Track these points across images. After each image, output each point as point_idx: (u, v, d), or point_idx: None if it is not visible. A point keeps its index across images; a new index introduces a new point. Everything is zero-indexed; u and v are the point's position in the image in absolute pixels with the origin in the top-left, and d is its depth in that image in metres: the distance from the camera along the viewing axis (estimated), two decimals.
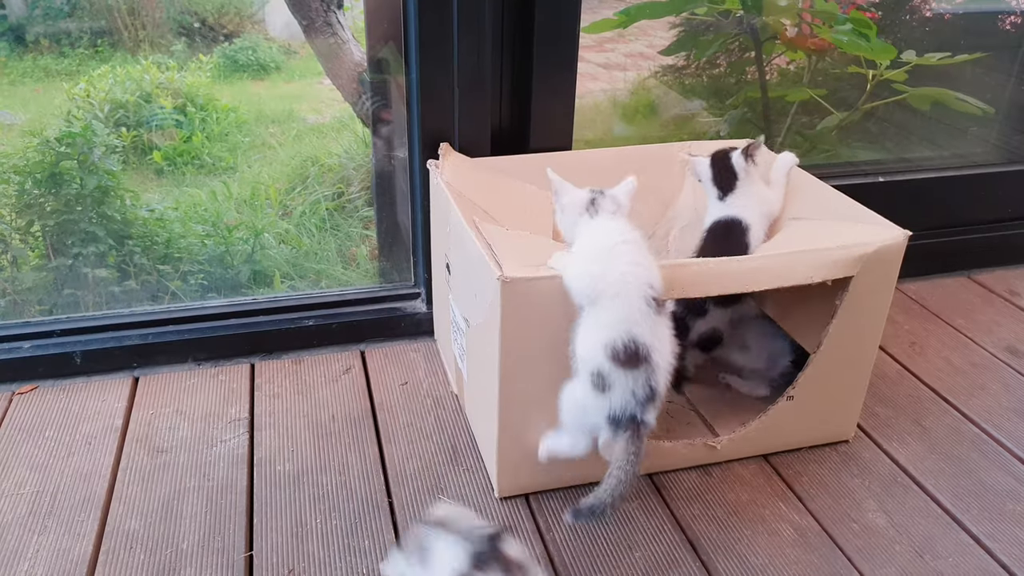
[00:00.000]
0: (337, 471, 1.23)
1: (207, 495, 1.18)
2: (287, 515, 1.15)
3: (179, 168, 2.13)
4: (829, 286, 1.15)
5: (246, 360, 1.49)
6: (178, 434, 1.30)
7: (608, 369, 0.95)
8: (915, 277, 1.82)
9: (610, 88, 2.04)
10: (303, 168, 2.24)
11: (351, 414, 1.35)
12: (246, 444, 1.28)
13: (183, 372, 1.45)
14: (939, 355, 1.56)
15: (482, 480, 1.21)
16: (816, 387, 1.22)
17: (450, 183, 1.28)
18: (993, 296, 1.79)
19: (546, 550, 1.10)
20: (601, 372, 0.95)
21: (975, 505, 1.20)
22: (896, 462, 1.28)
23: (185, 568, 1.06)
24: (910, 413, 1.39)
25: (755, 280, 1.11)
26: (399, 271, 1.62)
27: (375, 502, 1.17)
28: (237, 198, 2.12)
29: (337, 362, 1.49)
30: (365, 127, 1.84)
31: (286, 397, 1.39)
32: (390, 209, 1.65)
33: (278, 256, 1.99)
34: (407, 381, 1.44)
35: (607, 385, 0.95)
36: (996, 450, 1.32)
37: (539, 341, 1.06)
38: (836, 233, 1.17)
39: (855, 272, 1.13)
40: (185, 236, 1.96)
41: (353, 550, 1.09)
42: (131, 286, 1.81)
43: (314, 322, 1.51)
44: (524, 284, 1.02)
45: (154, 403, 1.37)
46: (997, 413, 1.40)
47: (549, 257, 1.07)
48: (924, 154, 2.00)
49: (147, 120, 2.07)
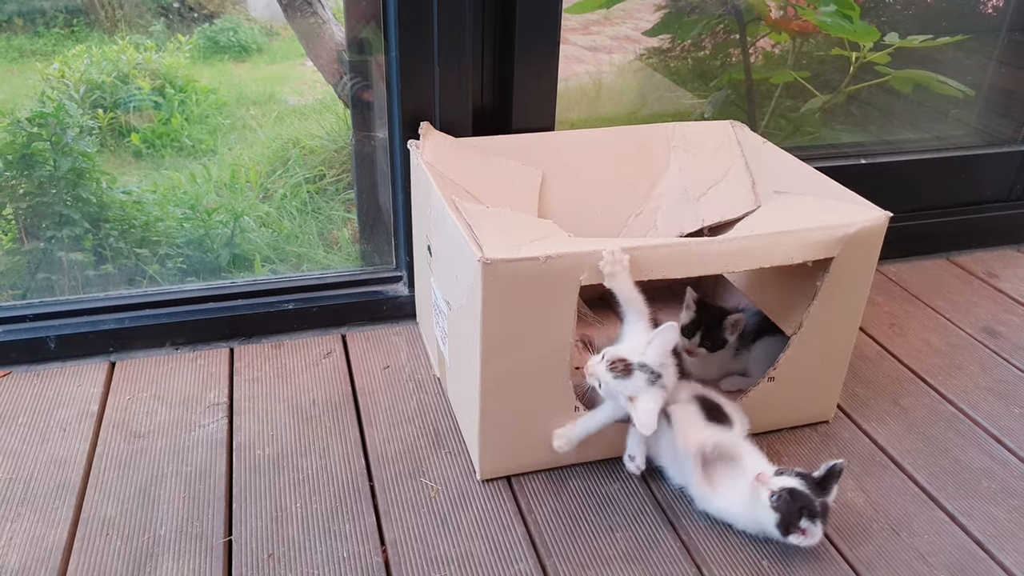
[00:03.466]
0: (318, 455, 1.22)
1: (185, 480, 1.16)
2: (267, 500, 1.14)
3: (158, 151, 2.09)
4: (810, 267, 1.15)
5: (225, 344, 1.47)
6: (156, 419, 1.28)
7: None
8: (896, 259, 1.83)
9: (596, 71, 2.02)
10: (284, 150, 2.21)
11: (332, 398, 1.34)
12: (225, 429, 1.27)
13: (161, 357, 1.43)
14: (918, 336, 1.57)
15: (464, 463, 1.21)
16: (796, 368, 1.22)
17: (431, 163, 1.27)
18: (972, 278, 1.80)
19: (528, 532, 1.10)
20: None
21: (951, 483, 1.21)
22: (875, 442, 1.29)
23: (163, 554, 1.05)
24: (889, 393, 1.40)
25: (736, 261, 1.11)
26: (380, 254, 1.61)
27: (356, 486, 1.16)
28: (217, 181, 2.09)
29: (318, 346, 1.47)
30: (347, 108, 1.81)
31: (266, 381, 1.38)
32: (371, 191, 1.63)
33: (258, 239, 1.97)
34: (389, 365, 1.43)
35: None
36: (972, 429, 1.33)
37: (521, 323, 1.06)
38: (817, 213, 1.17)
39: (836, 253, 1.14)
40: (163, 219, 1.93)
41: (334, 534, 1.08)
42: (108, 270, 1.78)
43: (294, 306, 1.49)
44: (505, 266, 1.01)
45: (131, 388, 1.35)
46: (974, 393, 1.41)
47: (532, 235, 1.06)
48: (905, 136, 2.01)
49: (124, 101, 2.03)
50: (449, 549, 1.07)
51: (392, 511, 1.12)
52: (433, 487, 1.17)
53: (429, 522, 1.11)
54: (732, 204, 1.38)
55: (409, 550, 1.06)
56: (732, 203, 1.39)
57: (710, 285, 1.64)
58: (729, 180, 1.43)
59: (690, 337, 1.30)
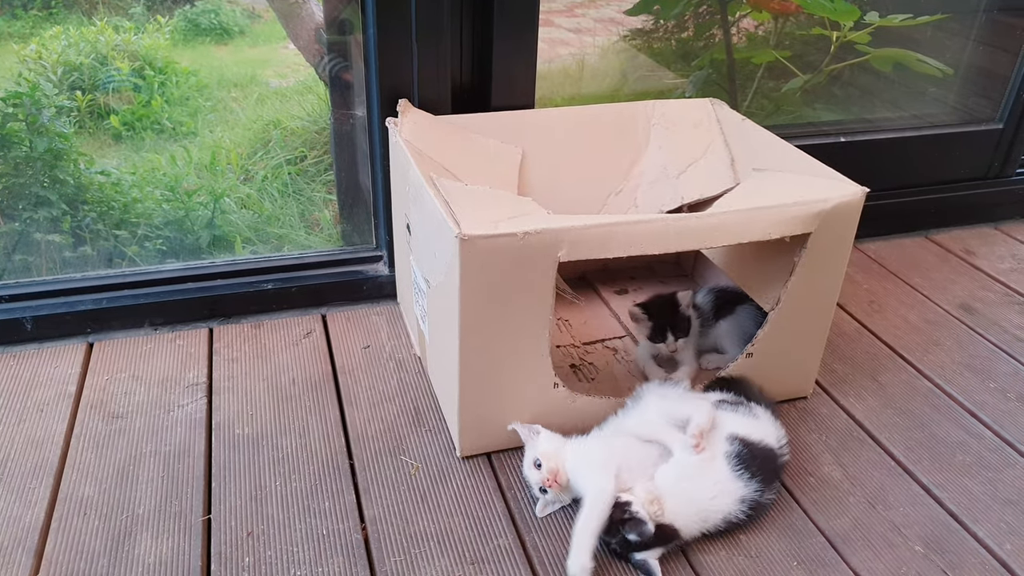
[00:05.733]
0: (297, 434, 1.22)
1: (164, 460, 1.16)
2: (246, 478, 1.13)
3: (138, 133, 2.07)
4: (787, 243, 1.15)
5: (204, 325, 1.46)
6: (134, 399, 1.28)
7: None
8: (874, 237, 1.84)
9: (579, 53, 2.01)
10: (265, 132, 2.19)
11: (312, 378, 1.34)
12: (204, 408, 1.26)
13: (139, 337, 1.42)
14: (896, 313, 1.59)
15: (444, 440, 1.21)
16: (775, 344, 1.23)
17: (409, 140, 1.26)
18: (949, 255, 1.82)
19: (507, 508, 1.10)
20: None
21: (926, 457, 1.23)
22: (852, 417, 1.31)
23: (141, 532, 1.05)
24: (867, 369, 1.42)
25: (714, 237, 1.11)
26: (360, 234, 1.60)
27: (336, 464, 1.16)
28: (197, 163, 2.07)
29: (297, 326, 1.47)
30: (327, 89, 1.80)
31: (245, 361, 1.37)
32: (350, 170, 1.62)
33: (239, 221, 1.95)
34: (369, 344, 1.42)
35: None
36: (948, 404, 1.35)
37: (499, 300, 1.05)
38: (795, 189, 1.18)
39: (813, 229, 1.14)
40: (142, 200, 1.91)
41: (313, 511, 1.09)
42: (87, 252, 1.76)
43: (273, 286, 1.48)
44: (483, 242, 1.01)
45: (109, 369, 1.34)
46: (950, 368, 1.43)
47: (511, 212, 1.06)
48: (885, 115, 2.01)
49: (103, 83, 2.00)
50: (429, 525, 1.07)
51: (372, 489, 1.13)
52: (413, 465, 1.17)
53: (409, 499, 1.11)
54: (711, 182, 1.39)
55: (389, 527, 1.07)
56: (711, 181, 1.39)
57: (689, 263, 1.64)
58: (708, 158, 1.43)
59: (663, 340, 1.30)
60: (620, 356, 1.41)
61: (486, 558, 1.03)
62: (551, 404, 1.16)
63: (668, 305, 1.31)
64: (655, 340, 1.30)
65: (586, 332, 1.47)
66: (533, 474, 1.08)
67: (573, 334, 1.47)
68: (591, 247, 1.05)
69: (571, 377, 1.35)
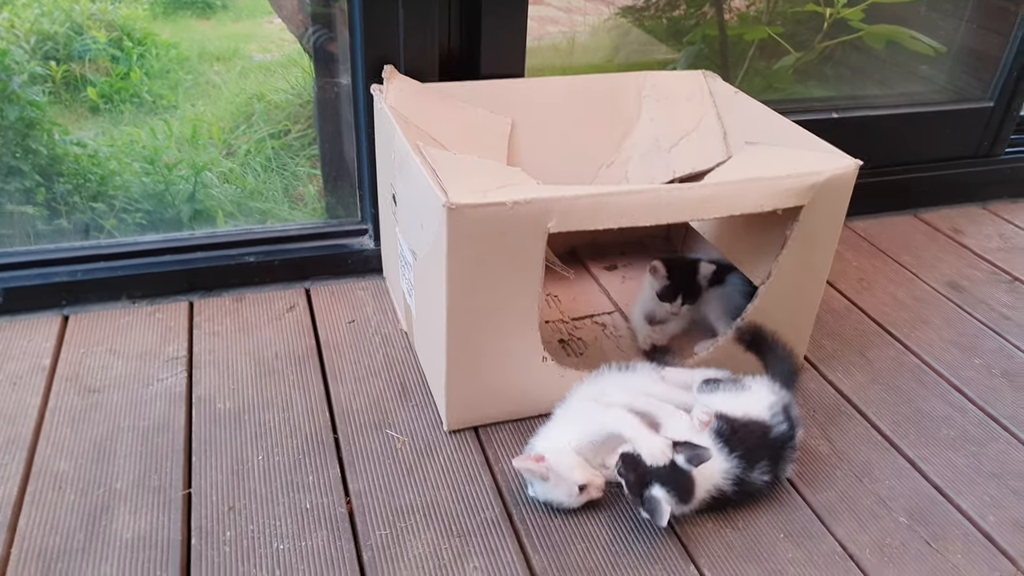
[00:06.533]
0: (280, 408, 1.19)
1: (142, 434, 1.13)
2: (227, 453, 1.11)
3: (116, 106, 2.02)
4: (779, 216, 1.14)
5: (184, 298, 1.43)
6: (111, 373, 1.24)
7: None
8: (864, 215, 1.84)
9: (569, 31, 1.99)
10: (248, 105, 2.15)
11: (295, 352, 1.31)
12: (184, 383, 1.23)
13: (117, 310, 1.39)
14: (885, 290, 1.58)
15: (431, 415, 1.19)
16: (764, 319, 1.22)
17: (394, 107, 1.23)
18: (937, 234, 1.81)
19: (495, 481, 1.09)
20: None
21: (912, 431, 1.23)
22: (840, 392, 1.30)
23: (119, 507, 1.02)
24: (856, 346, 1.41)
25: (706, 209, 1.10)
26: (345, 206, 1.57)
27: (320, 438, 1.14)
28: (178, 136, 2.03)
29: (280, 300, 1.44)
30: (312, 60, 1.76)
31: (227, 335, 1.34)
32: (335, 141, 1.58)
33: (221, 195, 1.92)
34: (354, 319, 1.40)
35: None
36: (935, 380, 1.35)
37: (487, 271, 1.03)
38: (787, 161, 1.16)
39: (806, 202, 1.12)
40: (120, 173, 1.87)
41: (296, 486, 1.06)
42: (62, 225, 1.72)
43: (255, 258, 1.45)
44: (471, 211, 0.98)
45: (85, 342, 1.31)
46: (937, 345, 1.43)
47: (499, 182, 1.03)
48: (876, 92, 2.00)
49: (78, 52, 1.95)
50: (415, 498, 1.06)
51: (357, 463, 1.11)
52: (399, 439, 1.15)
53: (395, 473, 1.09)
54: (704, 155, 1.37)
55: (374, 500, 1.05)
56: (704, 154, 1.37)
57: (680, 236, 1.63)
58: (701, 131, 1.41)
59: (672, 301, 1.31)
60: (609, 332, 1.39)
61: (473, 531, 1.02)
62: (539, 378, 1.14)
63: (688, 270, 1.32)
64: (664, 298, 1.31)
65: (575, 307, 1.46)
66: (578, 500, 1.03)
67: (562, 309, 1.45)
68: (581, 218, 1.03)
69: (560, 352, 1.34)
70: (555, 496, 1.03)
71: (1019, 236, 1.82)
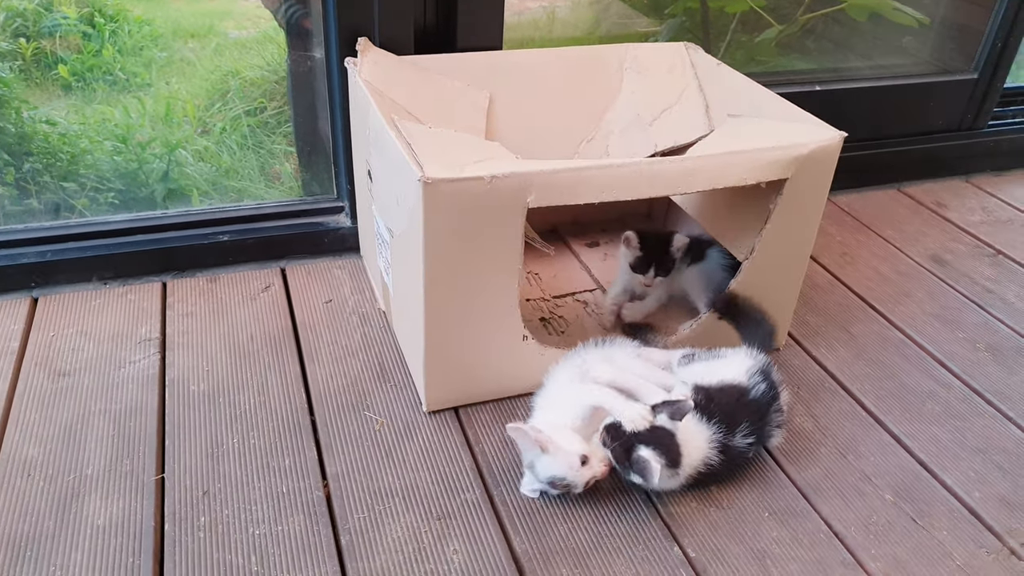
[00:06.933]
0: (256, 390, 1.17)
1: (114, 418, 1.10)
2: (202, 436, 1.09)
3: (89, 84, 1.97)
4: (762, 190, 1.12)
5: (157, 278, 1.39)
6: (82, 356, 1.21)
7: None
8: (847, 189, 1.82)
9: (549, 6, 1.94)
10: (223, 83, 2.10)
11: (271, 333, 1.28)
12: (157, 365, 1.20)
13: (88, 292, 1.35)
14: (868, 265, 1.57)
15: (410, 395, 1.17)
16: (748, 295, 1.20)
17: (369, 81, 1.19)
18: (921, 208, 1.81)
19: (475, 462, 1.07)
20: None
21: (897, 407, 1.22)
22: (824, 368, 1.29)
23: (90, 493, 1.00)
24: (839, 321, 1.40)
25: (688, 183, 1.07)
26: (320, 183, 1.53)
27: (296, 421, 1.12)
28: (152, 114, 1.98)
29: (255, 280, 1.41)
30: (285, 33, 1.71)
31: (200, 316, 1.31)
32: (309, 117, 1.54)
33: (196, 174, 1.88)
34: (331, 299, 1.37)
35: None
36: (918, 354, 1.34)
37: (465, 248, 1.01)
38: (771, 133, 1.14)
39: (790, 174, 1.11)
40: (91, 152, 1.82)
41: (272, 469, 1.04)
42: (32, 205, 1.67)
43: (229, 237, 1.41)
44: (447, 186, 0.95)
45: (55, 324, 1.27)
46: (920, 319, 1.42)
47: (477, 156, 1.00)
48: (858, 64, 1.98)
49: (48, 29, 1.89)
50: (394, 481, 1.04)
51: (334, 445, 1.09)
52: (378, 420, 1.13)
53: (373, 455, 1.07)
54: (685, 128, 1.34)
55: (352, 483, 1.03)
56: (685, 127, 1.34)
57: (661, 212, 1.61)
58: (683, 104, 1.38)
59: (644, 272, 1.30)
60: (591, 309, 1.38)
61: (453, 513, 1.00)
62: (520, 357, 1.12)
63: (661, 242, 1.31)
64: (636, 270, 1.30)
65: (556, 285, 1.43)
66: (581, 474, 0.98)
67: (543, 287, 1.43)
68: (561, 192, 1.01)
69: (540, 331, 1.32)
70: (556, 470, 0.97)
71: (1002, 209, 1.82)
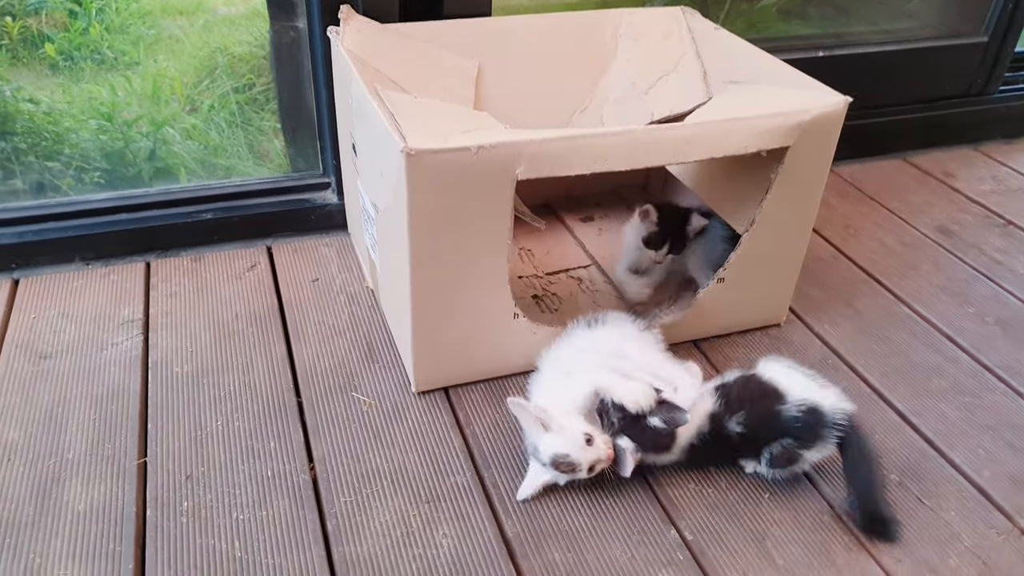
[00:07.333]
0: (241, 371, 1.13)
1: (96, 401, 1.07)
2: (185, 419, 1.06)
3: (76, 63, 1.93)
4: (763, 159, 1.07)
5: (140, 258, 1.36)
6: (63, 338, 1.18)
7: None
8: (851, 159, 1.77)
9: None
10: (212, 59, 2.06)
11: (256, 313, 1.25)
12: (140, 346, 1.17)
13: (69, 272, 1.32)
14: (873, 237, 1.53)
15: (399, 376, 1.14)
16: (748, 269, 1.17)
17: (352, 51, 1.14)
18: (928, 178, 1.76)
19: (466, 443, 1.04)
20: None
21: (902, 383, 1.18)
22: (827, 344, 1.25)
23: (71, 478, 0.97)
24: (843, 295, 1.36)
25: (686, 151, 1.03)
26: (305, 159, 1.49)
27: (282, 402, 1.09)
28: (140, 93, 1.94)
29: (241, 258, 1.37)
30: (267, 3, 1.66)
31: (185, 296, 1.28)
32: (293, 90, 1.50)
33: (183, 152, 1.84)
34: (318, 278, 1.33)
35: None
36: (925, 329, 1.30)
37: (452, 222, 0.97)
38: (772, 100, 1.09)
39: (792, 142, 1.06)
40: (76, 130, 1.78)
41: (257, 452, 1.01)
42: (16, 185, 1.63)
43: (213, 215, 1.38)
44: (432, 157, 0.91)
45: (36, 306, 1.24)
46: (927, 292, 1.38)
47: (464, 126, 0.96)
48: (862, 29, 1.92)
49: (33, 7, 1.84)
50: (382, 463, 1.01)
51: (321, 427, 1.05)
52: (366, 401, 1.10)
53: (361, 437, 1.04)
54: (682, 97, 1.29)
55: (339, 466, 1.00)
56: (682, 95, 1.29)
57: (658, 184, 1.56)
58: (680, 71, 1.33)
59: (658, 248, 1.26)
60: (585, 286, 1.34)
61: (442, 496, 0.97)
62: (511, 336, 1.09)
63: (679, 218, 1.26)
64: (649, 244, 1.25)
65: (549, 262, 1.39)
66: (585, 453, 0.92)
67: (536, 264, 1.39)
68: (552, 163, 0.96)
69: (533, 308, 1.28)
70: (559, 448, 0.92)
71: (1013, 178, 1.77)
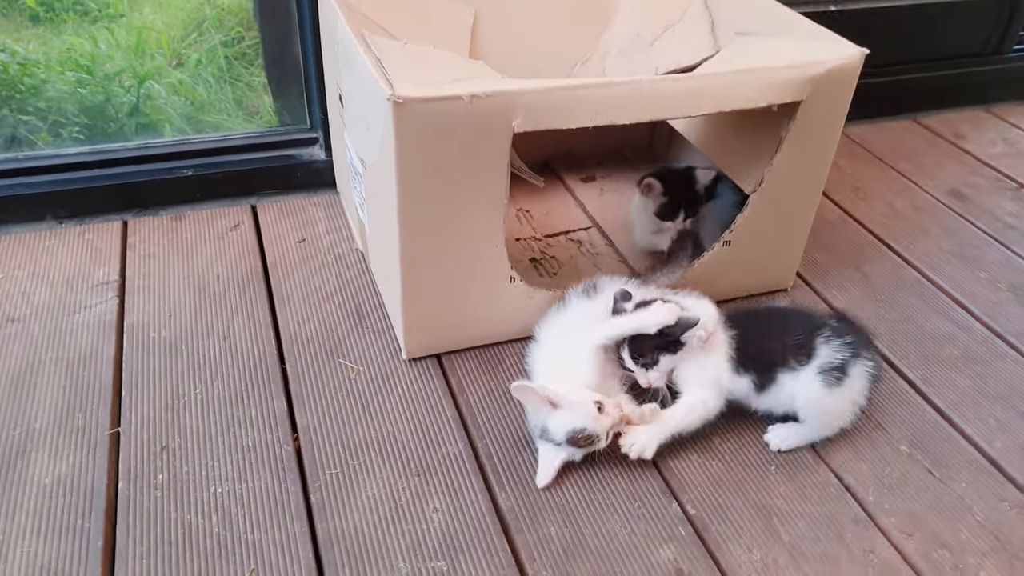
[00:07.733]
0: (221, 337, 1.08)
1: (67, 367, 1.02)
2: (161, 386, 1.00)
3: (58, 15, 1.85)
4: (773, 114, 1.01)
5: (117, 217, 1.30)
6: (33, 300, 1.12)
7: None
8: (860, 120, 1.71)
9: None
10: (199, 11, 1.98)
11: (239, 274, 1.19)
12: (115, 309, 1.11)
13: (40, 231, 1.26)
14: (882, 200, 1.47)
15: (389, 342, 1.09)
16: (755, 231, 1.11)
17: None
18: (939, 139, 1.69)
19: (458, 412, 0.99)
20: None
21: (912, 351, 1.14)
22: (835, 309, 1.20)
23: (37, 450, 0.92)
24: (851, 259, 1.31)
25: (693, 104, 0.96)
26: (292, 112, 1.41)
27: (265, 369, 1.04)
28: (124, 45, 1.86)
29: (224, 217, 1.31)
30: None
31: (163, 257, 1.22)
32: (278, 38, 1.41)
33: (169, 108, 1.76)
34: (305, 238, 1.27)
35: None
36: (935, 294, 1.25)
37: (444, 178, 0.91)
38: (783, 52, 1.02)
39: (804, 96, 0.99)
40: (54, 83, 1.71)
41: (237, 421, 0.96)
42: None
43: (194, 172, 1.31)
44: (421, 106, 0.85)
45: (5, 266, 1.18)
46: (938, 257, 1.33)
47: (456, 74, 0.89)
48: None
49: None
50: (370, 433, 0.96)
51: (306, 396, 1.00)
52: (354, 368, 1.05)
53: (348, 406, 0.99)
54: (690, 48, 1.22)
55: (324, 436, 0.95)
56: (690, 47, 1.22)
57: (663, 142, 1.50)
58: (686, 21, 1.25)
59: (674, 218, 1.19)
60: (585, 249, 1.28)
61: (434, 467, 0.92)
62: (507, 301, 1.04)
63: (684, 179, 1.19)
64: (664, 216, 1.18)
65: (548, 223, 1.33)
66: (601, 422, 0.88)
67: (534, 226, 1.33)
68: (551, 115, 0.90)
69: (531, 272, 1.22)
70: (574, 423, 0.87)
71: None
